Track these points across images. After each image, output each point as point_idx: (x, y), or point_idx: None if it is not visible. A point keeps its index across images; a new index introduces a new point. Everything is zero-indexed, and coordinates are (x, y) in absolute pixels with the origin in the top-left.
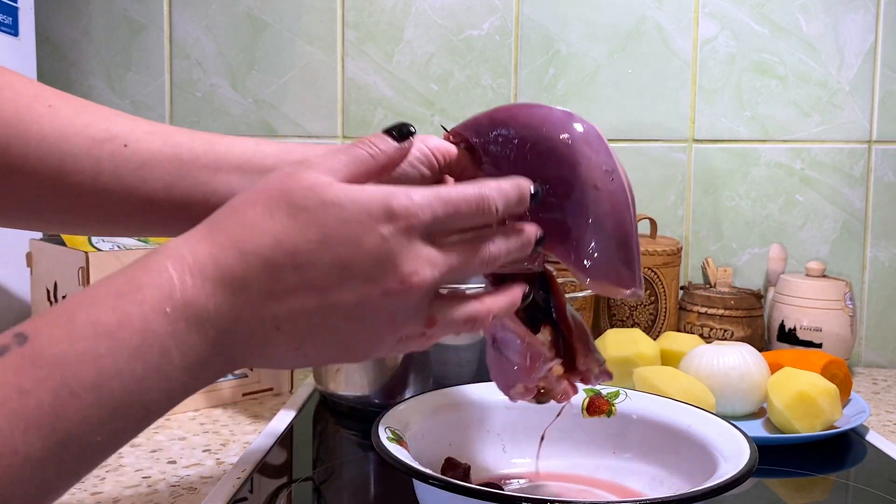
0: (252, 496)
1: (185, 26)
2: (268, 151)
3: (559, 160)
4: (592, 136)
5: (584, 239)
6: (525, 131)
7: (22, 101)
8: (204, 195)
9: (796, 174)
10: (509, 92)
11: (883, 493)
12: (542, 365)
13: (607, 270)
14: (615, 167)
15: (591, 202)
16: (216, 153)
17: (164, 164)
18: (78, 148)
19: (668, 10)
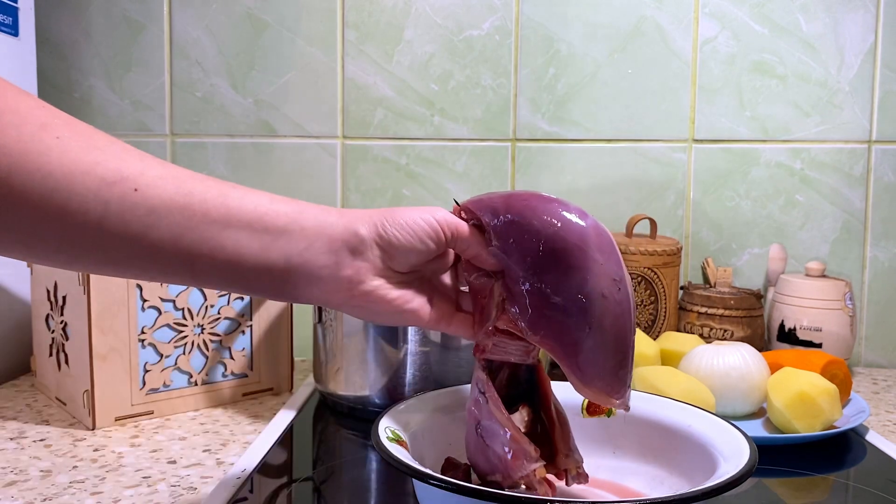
0: (252, 496)
1: (185, 26)
2: (280, 210)
3: (570, 264)
4: (605, 244)
5: (584, 344)
6: (540, 226)
7: (26, 130)
8: (210, 250)
9: (796, 174)
10: (509, 92)
11: (882, 492)
12: (527, 465)
13: (601, 379)
14: (622, 276)
15: (597, 310)
16: (227, 207)
17: (173, 213)
18: (86, 188)
19: (668, 10)
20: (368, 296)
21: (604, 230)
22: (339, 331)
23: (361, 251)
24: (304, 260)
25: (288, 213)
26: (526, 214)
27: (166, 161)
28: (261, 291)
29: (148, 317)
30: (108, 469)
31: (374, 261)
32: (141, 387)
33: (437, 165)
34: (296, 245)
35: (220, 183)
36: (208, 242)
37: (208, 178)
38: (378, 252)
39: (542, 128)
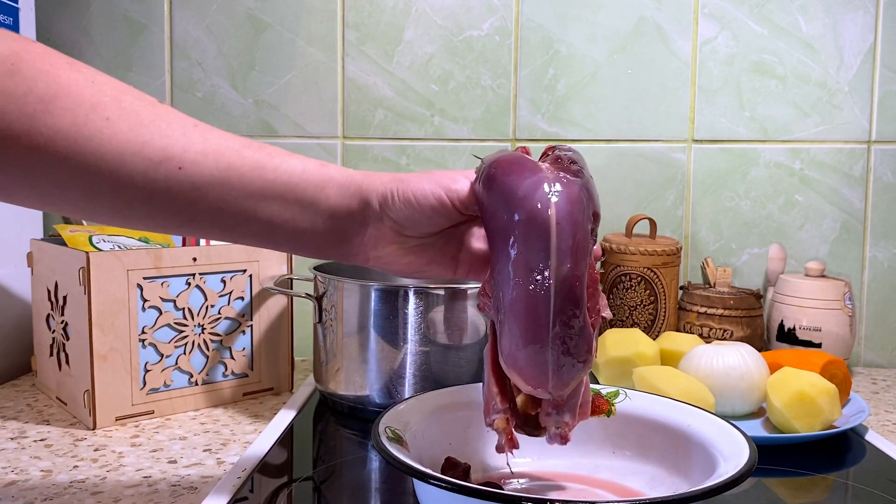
0: (252, 496)
1: (186, 26)
2: (310, 181)
3: (496, 242)
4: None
5: (502, 325)
6: (489, 202)
7: (80, 113)
8: (248, 220)
9: (796, 174)
10: (509, 92)
11: (882, 492)
12: (493, 413)
13: (514, 365)
14: (546, 267)
15: (508, 296)
16: (264, 180)
17: (214, 188)
18: (135, 170)
19: (667, 11)
20: (380, 259)
21: (542, 215)
22: (339, 331)
23: (373, 221)
24: (328, 228)
25: (317, 184)
26: (487, 185)
27: (207, 127)
28: (295, 251)
29: (148, 317)
30: (109, 469)
31: (386, 230)
32: (141, 387)
33: (438, 166)
34: (321, 215)
35: (257, 152)
36: (245, 213)
37: (246, 147)
38: (389, 223)
39: (542, 128)
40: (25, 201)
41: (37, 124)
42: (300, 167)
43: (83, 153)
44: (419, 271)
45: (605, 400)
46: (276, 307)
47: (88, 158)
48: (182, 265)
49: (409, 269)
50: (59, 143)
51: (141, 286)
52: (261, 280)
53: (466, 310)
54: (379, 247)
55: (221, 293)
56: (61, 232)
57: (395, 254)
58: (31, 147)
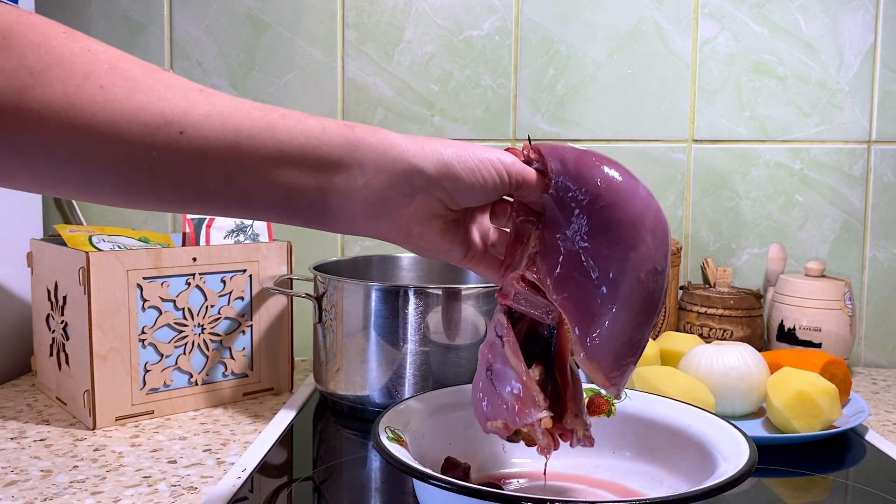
0: (252, 496)
1: (186, 27)
2: (334, 142)
3: (620, 236)
4: (661, 231)
5: (602, 318)
6: (605, 190)
7: (72, 83)
8: (264, 189)
9: (796, 174)
10: (509, 92)
11: (882, 492)
12: (534, 412)
13: (606, 359)
14: (665, 269)
15: (628, 290)
16: (277, 142)
17: (221, 154)
18: (131, 137)
19: (667, 11)
20: (424, 235)
21: (664, 217)
22: (339, 331)
23: (425, 190)
24: (362, 197)
25: (343, 146)
26: (595, 174)
27: (213, 92)
28: (319, 225)
29: (148, 317)
30: (109, 469)
31: (434, 201)
32: (141, 387)
33: None
34: (354, 182)
35: (268, 113)
36: (260, 181)
37: (256, 109)
38: (441, 193)
39: (542, 128)
40: (26, 184)
41: (26, 99)
42: (319, 128)
43: (76, 125)
44: (448, 251)
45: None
46: (276, 307)
47: (82, 130)
48: (182, 265)
49: (445, 247)
50: (50, 116)
51: (141, 286)
52: (261, 280)
53: (466, 310)
54: (425, 220)
55: (221, 293)
56: (61, 232)
57: (439, 228)
58: (23, 124)
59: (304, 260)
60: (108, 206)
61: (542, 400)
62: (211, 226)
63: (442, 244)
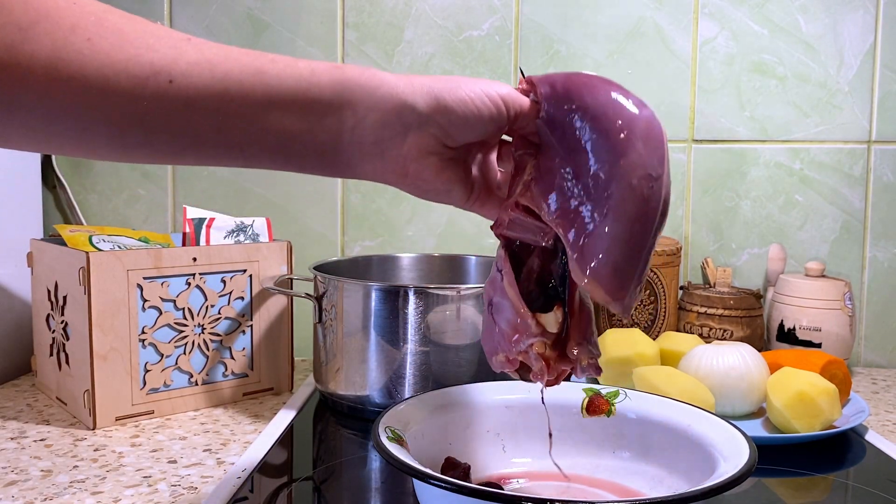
0: (252, 496)
1: (186, 26)
2: (324, 83)
3: (609, 145)
4: (654, 137)
5: (595, 229)
6: (591, 103)
7: (59, 36)
8: (256, 135)
9: (796, 174)
10: None
11: (882, 492)
12: (525, 339)
13: (601, 272)
14: (661, 175)
15: (619, 197)
16: (266, 86)
17: (211, 101)
18: (121, 88)
19: (667, 11)
20: (420, 174)
21: (657, 124)
22: (339, 331)
23: (417, 127)
24: (355, 137)
25: (332, 86)
26: (581, 91)
27: (203, 41)
28: (315, 170)
29: (148, 317)
30: (109, 469)
31: (429, 138)
32: (141, 387)
33: None
34: (345, 122)
35: (256, 58)
36: (252, 127)
37: (245, 55)
38: (435, 129)
39: None
40: (20, 142)
41: (15, 54)
42: (308, 70)
43: (65, 79)
44: (447, 191)
45: (605, 400)
46: (276, 307)
47: (72, 84)
48: (182, 265)
49: (443, 187)
50: (38, 71)
51: (141, 286)
52: (261, 280)
53: (466, 310)
54: (420, 158)
55: (221, 293)
56: (61, 232)
57: (435, 167)
58: (13, 80)
59: (305, 260)
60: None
61: (535, 325)
62: (211, 226)
63: (440, 183)
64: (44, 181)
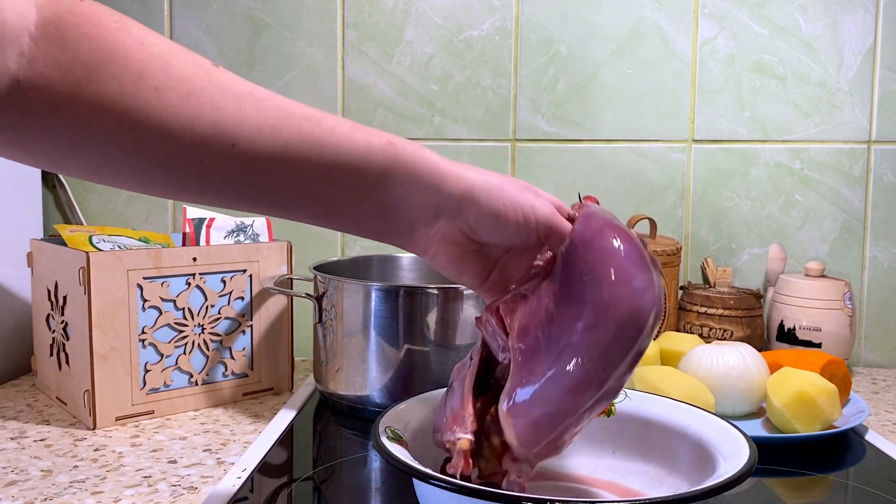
0: (252, 496)
1: (186, 27)
2: (377, 161)
3: (586, 313)
4: (631, 329)
5: (535, 378)
6: (599, 266)
7: (127, 81)
8: (306, 202)
9: (796, 174)
10: (509, 92)
11: (882, 492)
12: (458, 431)
13: (519, 418)
14: (618, 367)
15: (569, 364)
16: (323, 160)
17: (269, 166)
18: (184, 144)
19: (667, 11)
20: (438, 256)
21: (643, 319)
22: (339, 331)
23: (448, 217)
24: (392, 213)
25: (384, 165)
26: (603, 246)
27: (262, 95)
28: (354, 233)
29: (148, 316)
30: (109, 469)
31: (455, 230)
32: (141, 387)
33: None
34: (388, 200)
35: (316, 126)
36: (303, 193)
37: (305, 121)
38: (462, 224)
39: (542, 128)
40: (77, 172)
41: (80, 92)
42: (364, 147)
43: (130, 125)
44: (458, 275)
45: None
46: (276, 307)
47: (135, 131)
48: (182, 265)
49: (456, 271)
50: (104, 113)
51: (141, 286)
52: (261, 280)
53: (466, 310)
54: (443, 244)
55: (221, 293)
56: (61, 232)
57: (454, 254)
58: (78, 117)
59: (304, 260)
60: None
61: (471, 423)
62: (211, 226)
63: (454, 268)
64: (44, 181)
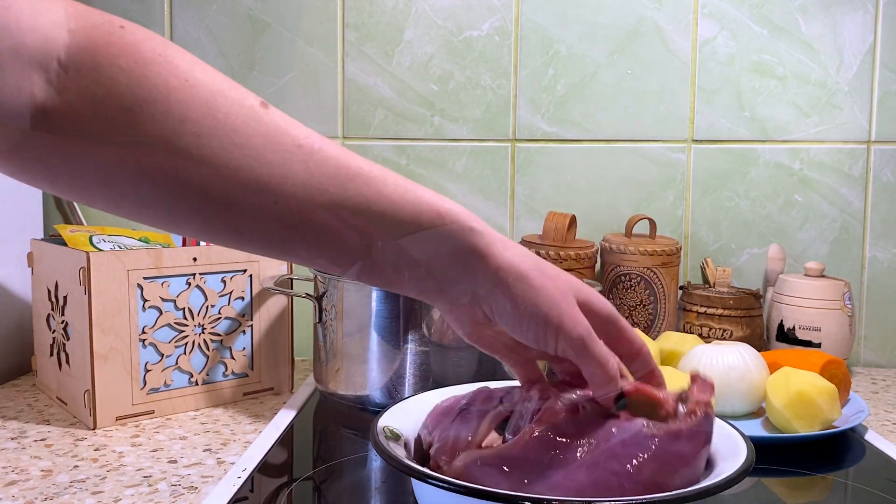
0: (252, 496)
1: (186, 27)
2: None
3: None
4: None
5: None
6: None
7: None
8: (338, 255)
9: (795, 174)
10: (509, 92)
11: (882, 492)
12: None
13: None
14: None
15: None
16: (368, 218)
17: (310, 224)
18: (222, 197)
19: (667, 11)
20: (460, 320)
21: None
22: (340, 331)
23: (475, 302)
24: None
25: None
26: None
27: (311, 147)
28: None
29: (149, 316)
30: (109, 469)
31: (478, 312)
32: (142, 386)
33: (437, 166)
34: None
35: (363, 186)
36: (338, 248)
37: (351, 179)
38: (486, 309)
39: (542, 128)
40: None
41: (116, 132)
42: (411, 213)
43: (165, 173)
44: (491, 350)
45: None
46: (277, 307)
47: (172, 179)
48: (182, 265)
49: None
50: (140, 157)
51: (141, 286)
52: (261, 280)
53: None
54: (464, 318)
55: (221, 293)
56: (61, 232)
57: (476, 330)
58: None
59: None
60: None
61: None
62: None
63: (484, 345)
64: None
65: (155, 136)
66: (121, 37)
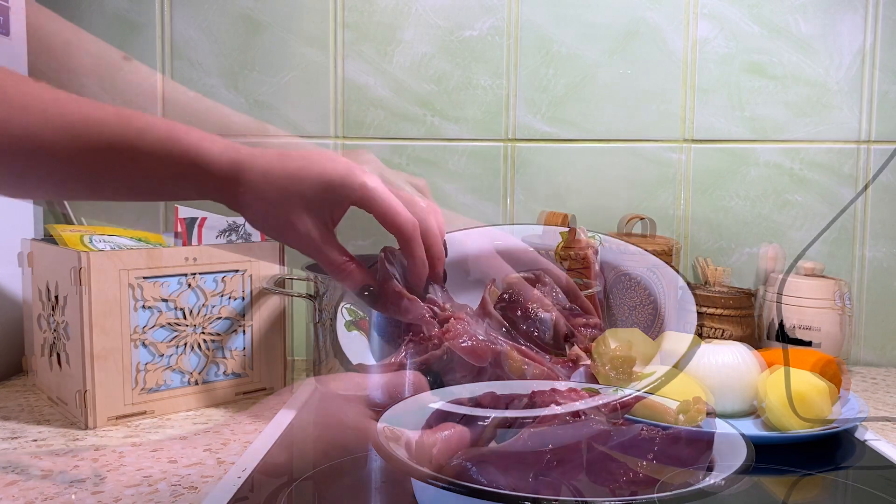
0: (252, 495)
1: (182, 27)
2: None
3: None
4: None
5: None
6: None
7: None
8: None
9: (791, 174)
10: (506, 92)
11: (879, 491)
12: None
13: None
14: None
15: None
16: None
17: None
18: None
19: (664, 11)
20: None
21: None
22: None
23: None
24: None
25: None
26: None
27: (66, 97)
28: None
29: (145, 316)
30: (109, 469)
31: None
32: (138, 386)
33: (434, 166)
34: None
35: (119, 126)
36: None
37: (101, 124)
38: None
39: (539, 128)
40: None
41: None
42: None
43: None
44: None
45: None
46: (273, 307)
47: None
48: (178, 265)
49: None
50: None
51: (138, 286)
52: (257, 280)
53: None
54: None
55: (218, 293)
56: (55, 232)
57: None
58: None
59: (301, 260)
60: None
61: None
62: (203, 225)
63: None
64: None
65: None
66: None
